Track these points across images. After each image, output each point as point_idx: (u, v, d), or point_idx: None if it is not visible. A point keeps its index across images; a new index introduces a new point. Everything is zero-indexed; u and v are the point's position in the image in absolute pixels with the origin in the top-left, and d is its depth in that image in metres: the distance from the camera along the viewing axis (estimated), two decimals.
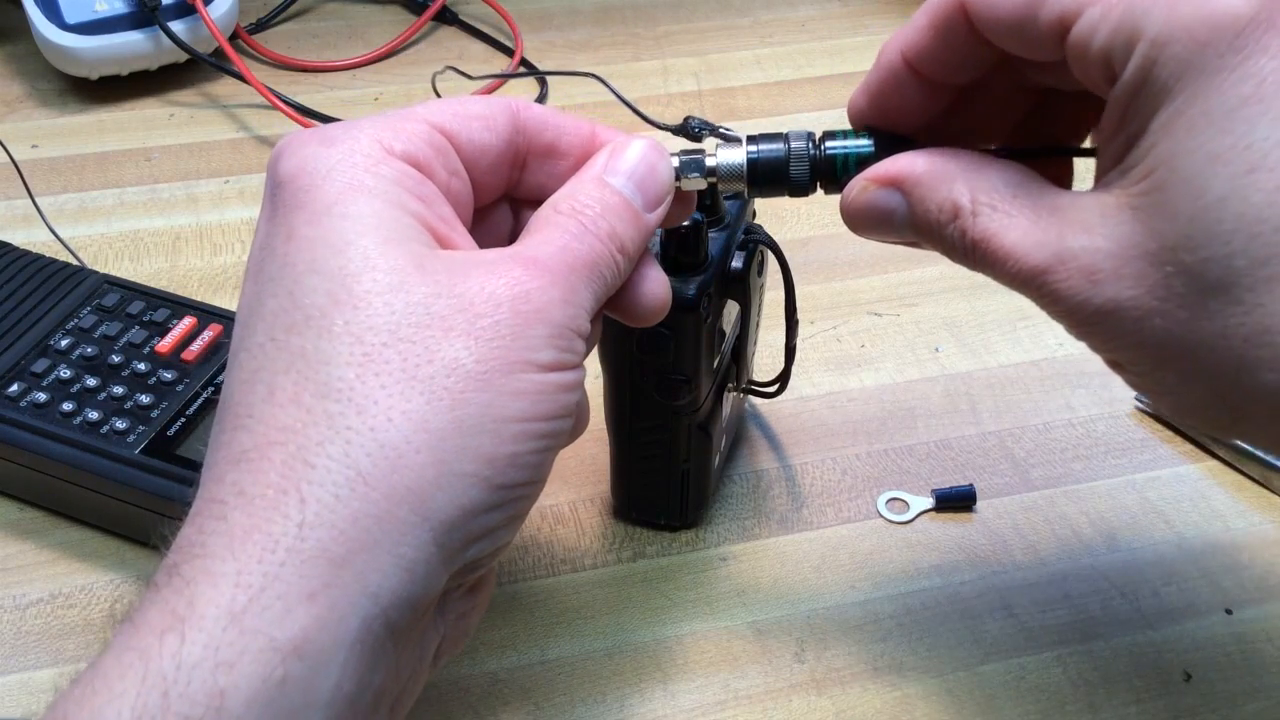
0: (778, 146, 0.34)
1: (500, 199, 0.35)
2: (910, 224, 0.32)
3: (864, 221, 0.34)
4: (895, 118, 0.34)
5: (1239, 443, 0.50)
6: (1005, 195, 0.30)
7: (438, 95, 0.40)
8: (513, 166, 0.34)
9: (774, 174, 0.34)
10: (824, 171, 0.34)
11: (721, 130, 0.35)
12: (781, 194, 0.35)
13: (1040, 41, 0.29)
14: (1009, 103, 0.34)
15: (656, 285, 0.34)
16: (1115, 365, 0.30)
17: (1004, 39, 0.30)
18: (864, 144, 0.34)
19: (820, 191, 0.35)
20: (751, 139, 0.35)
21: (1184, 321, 0.27)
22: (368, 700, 0.28)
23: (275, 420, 0.28)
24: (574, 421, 0.32)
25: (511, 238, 0.35)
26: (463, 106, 0.33)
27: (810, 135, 0.35)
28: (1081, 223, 0.28)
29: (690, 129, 0.37)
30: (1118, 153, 0.28)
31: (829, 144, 0.34)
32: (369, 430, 0.27)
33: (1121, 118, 0.28)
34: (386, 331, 0.28)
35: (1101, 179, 0.29)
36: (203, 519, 0.28)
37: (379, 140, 0.30)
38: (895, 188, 0.32)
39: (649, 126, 0.37)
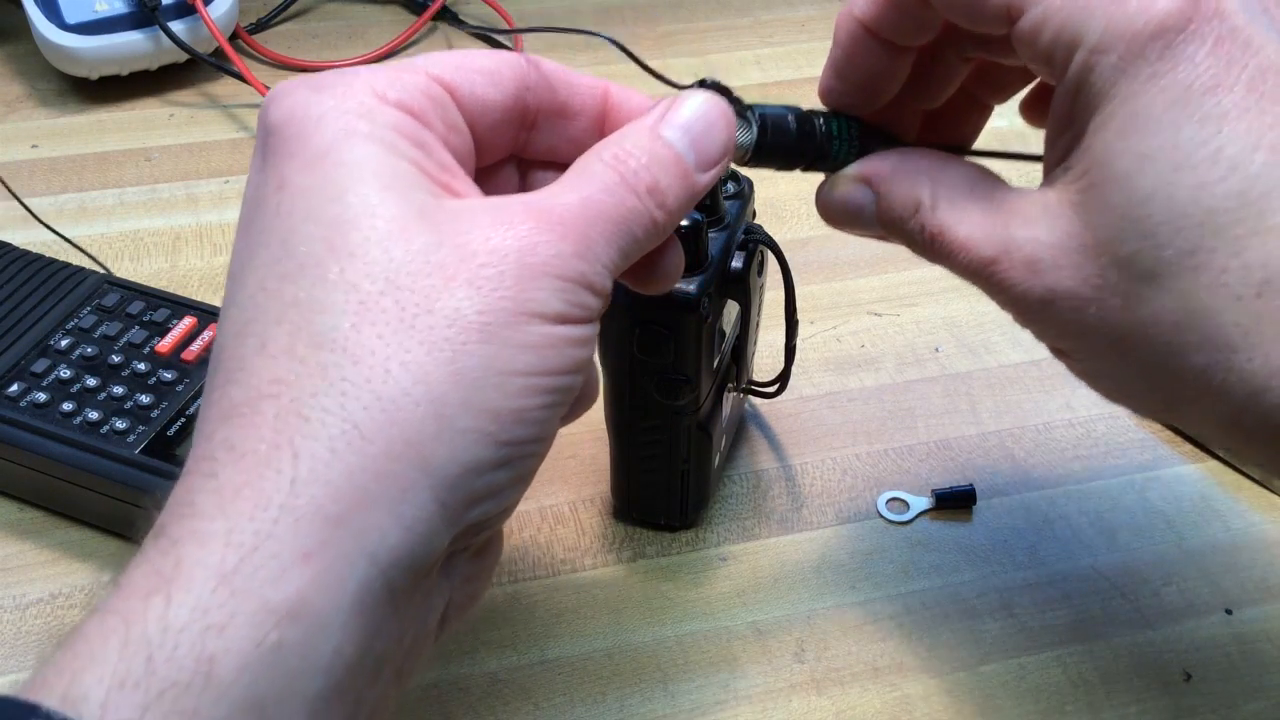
0: (780, 111, 0.34)
1: (506, 159, 0.34)
2: (878, 218, 0.34)
3: (838, 215, 0.35)
4: (866, 89, 0.35)
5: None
6: (963, 191, 0.32)
7: None
8: (520, 126, 0.32)
9: (781, 131, 0.34)
10: (822, 142, 0.35)
11: (734, 96, 0.34)
12: (780, 160, 0.35)
13: (987, 22, 0.30)
14: (961, 67, 0.36)
15: (673, 255, 0.34)
16: (1059, 353, 0.32)
17: (953, 13, 0.31)
18: (854, 125, 0.35)
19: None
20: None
21: (1118, 309, 0.29)
22: (369, 666, 0.26)
23: (267, 372, 0.27)
24: (584, 382, 0.30)
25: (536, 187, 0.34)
26: (468, 59, 0.31)
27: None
28: (1026, 217, 0.30)
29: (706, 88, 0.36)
30: (1061, 152, 0.30)
31: (823, 116, 0.35)
32: (365, 382, 0.26)
33: (1064, 119, 0.30)
34: (384, 279, 0.27)
35: (1047, 176, 0.31)
36: (192, 477, 0.27)
37: (373, 87, 0.29)
38: (866, 184, 0.34)
39: (665, 87, 0.36)
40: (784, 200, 0.65)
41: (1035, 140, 0.34)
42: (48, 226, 0.61)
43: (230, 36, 0.72)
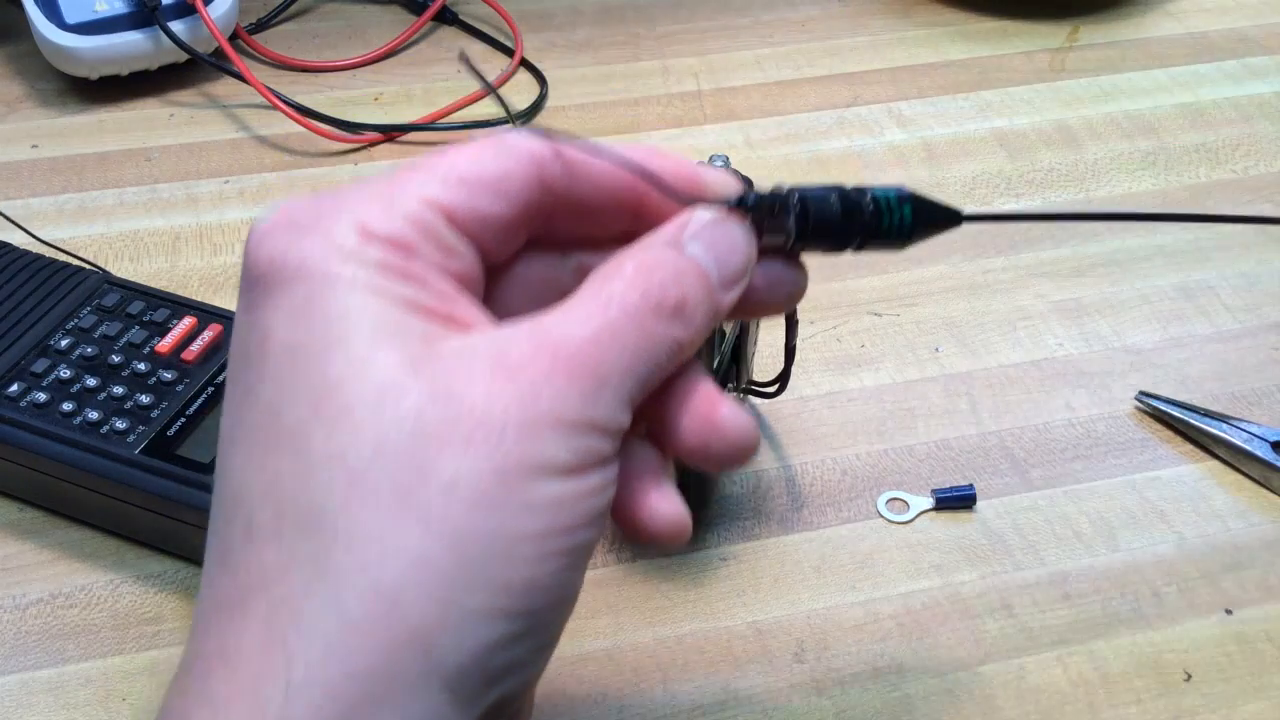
0: (824, 193, 0.30)
1: (531, 245, 0.30)
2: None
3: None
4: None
5: (1234, 441, 0.50)
6: None
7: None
8: (533, 223, 0.29)
9: (824, 216, 0.30)
10: (871, 220, 0.30)
11: (773, 193, 0.30)
12: (829, 242, 0.30)
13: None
14: None
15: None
16: None
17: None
18: (905, 196, 0.31)
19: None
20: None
21: None
22: None
23: (256, 560, 0.24)
24: (605, 529, 0.27)
25: (550, 281, 0.31)
26: (469, 167, 0.27)
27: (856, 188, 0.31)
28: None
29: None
30: None
31: (873, 192, 0.31)
32: (359, 570, 0.23)
33: None
34: (373, 448, 0.24)
35: None
36: (188, 679, 0.25)
37: (358, 223, 0.26)
38: None
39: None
40: None
41: (1036, 142, 0.34)
42: (29, 233, 0.61)
43: (230, 36, 0.72)
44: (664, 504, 0.28)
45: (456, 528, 0.24)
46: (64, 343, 0.48)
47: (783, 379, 0.48)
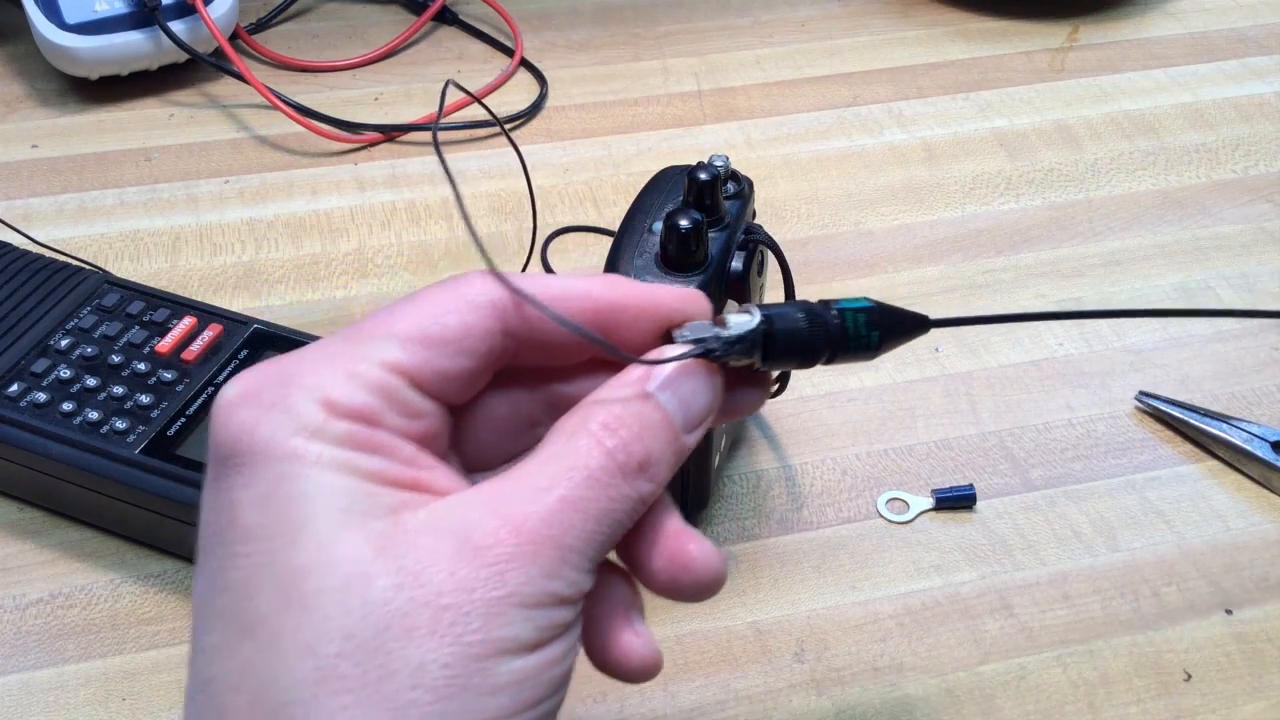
0: (791, 313, 0.30)
1: (499, 380, 0.30)
2: None
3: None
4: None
5: (1234, 441, 0.50)
6: None
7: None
8: (500, 364, 0.29)
9: (792, 340, 0.30)
10: (835, 337, 0.30)
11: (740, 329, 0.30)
12: (796, 359, 0.30)
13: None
14: None
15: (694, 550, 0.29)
16: None
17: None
18: (869, 306, 0.31)
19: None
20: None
21: None
22: None
23: None
24: (566, 691, 0.27)
25: (520, 415, 0.31)
26: (432, 327, 0.27)
27: (820, 303, 0.31)
28: None
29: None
30: None
31: (838, 306, 0.31)
32: None
33: None
34: (341, 638, 0.24)
35: None
36: None
37: (322, 396, 0.26)
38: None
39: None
40: (784, 200, 0.65)
41: (1036, 142, 0.34)
42: (25, 235, 0.61)
43: (230, 36, 0.72)
44: (636, 643, 0.29)
45: (424, 714, 0.24)
46: (64, 343, 0.48)
47: (783, 379, 0.48)
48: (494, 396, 0.30)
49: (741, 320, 0.29)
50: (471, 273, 0.29)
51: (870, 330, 0.30)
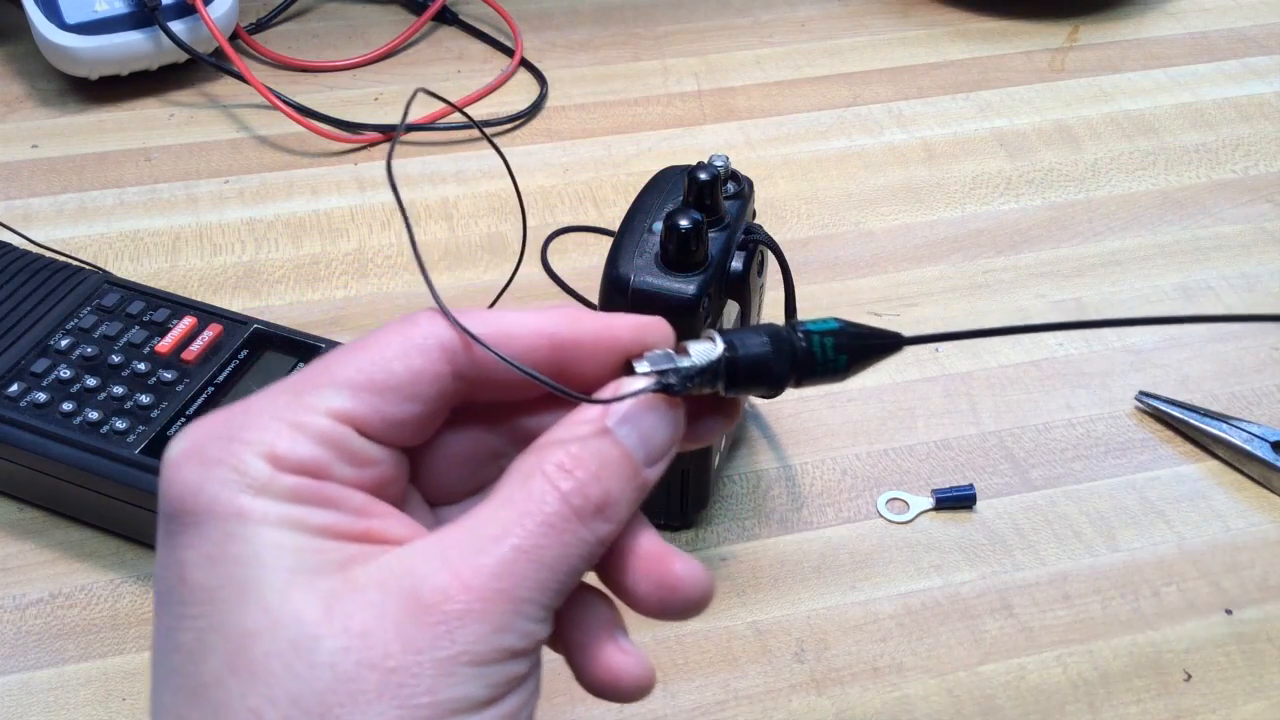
0: (754, 338, 0.29)
1: (457, 417, 0.29)
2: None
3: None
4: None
5: (1234, 441, 0.50)
6: None
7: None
8: (454, 403, 0.28)
9: (755, 368, 0.29)
10: (801, 360, 0.29)
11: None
12: (764, 387, 0.29)
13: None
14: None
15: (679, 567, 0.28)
16: None
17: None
18: (836, 329, 0.30)
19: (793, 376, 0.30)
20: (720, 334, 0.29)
21: None
22: None
23: None
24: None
25: (481, 450, 0.30)
26: (378, 373, 0.27)
27: (785, 326, 0.30)
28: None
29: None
30: None
31: (803, 329, 0.29)
32: None
33: None
34: (288, 703, 0.24)
35: None
36: None
37: (268, 451, 0.25)
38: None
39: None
40: (784, 200, 0.65)
41: (1036, 142, 0.34)
42: (24, 236, 0.61)
43: (230, 36, 0.72)
44: (627, 662, 0.29)
45: None
46: (64, 343, 0.48)
47: None
48: (452, 434, 0.30)
49: (703, 348, 0.28)
50: (420, 313, 0.28)
51: (839, 354, 0.29)
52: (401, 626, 0.24)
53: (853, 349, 0.29)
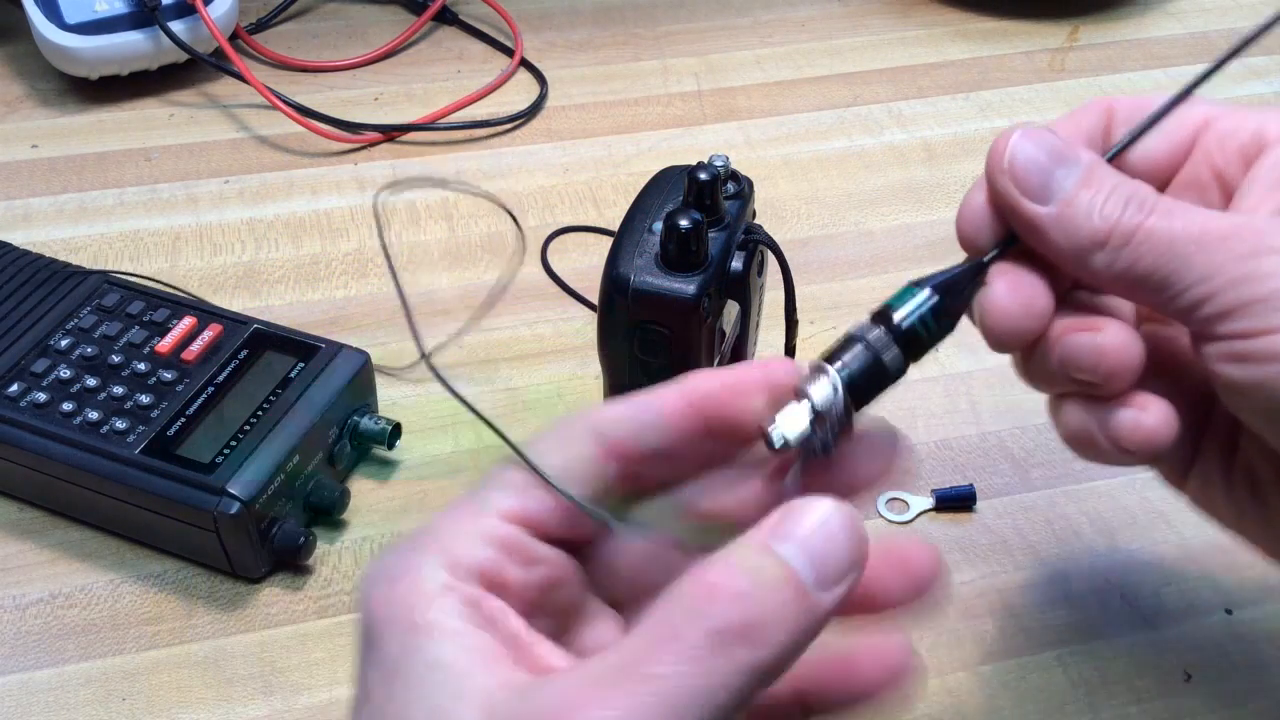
0: (860, 352, 0.29)
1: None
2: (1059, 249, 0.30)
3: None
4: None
5: None
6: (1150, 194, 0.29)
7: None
8: (617, 490, 0.29)
9: (876, 381, 0.30)
10: (913, 344, 0.30)
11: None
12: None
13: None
14: None
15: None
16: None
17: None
18: (923, 299, 0.30)
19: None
20: (829, 360, 0.29)
21: None
22: None
23: None
24: None
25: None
26: (544, 460, 0.28)
27: (876, 323, 0.30)
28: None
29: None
30: None
31: (898, 319, 0.30)
32: None
33: None
34: None
35: None
36: None
37: (445, 560, 0.27)
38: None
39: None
40: (784, 200, 0.65)
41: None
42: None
43: (230, 36, 0.72)
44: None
45: None
46: (64, 343, 0.48)
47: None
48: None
49: (820, 387, 0.28)
50: (579, 411, 0.29)
51: (936, 319, 0.30)
52: None
53: (947, 309, 0.30)
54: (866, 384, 0.29)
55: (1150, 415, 0.30)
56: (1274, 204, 0.30)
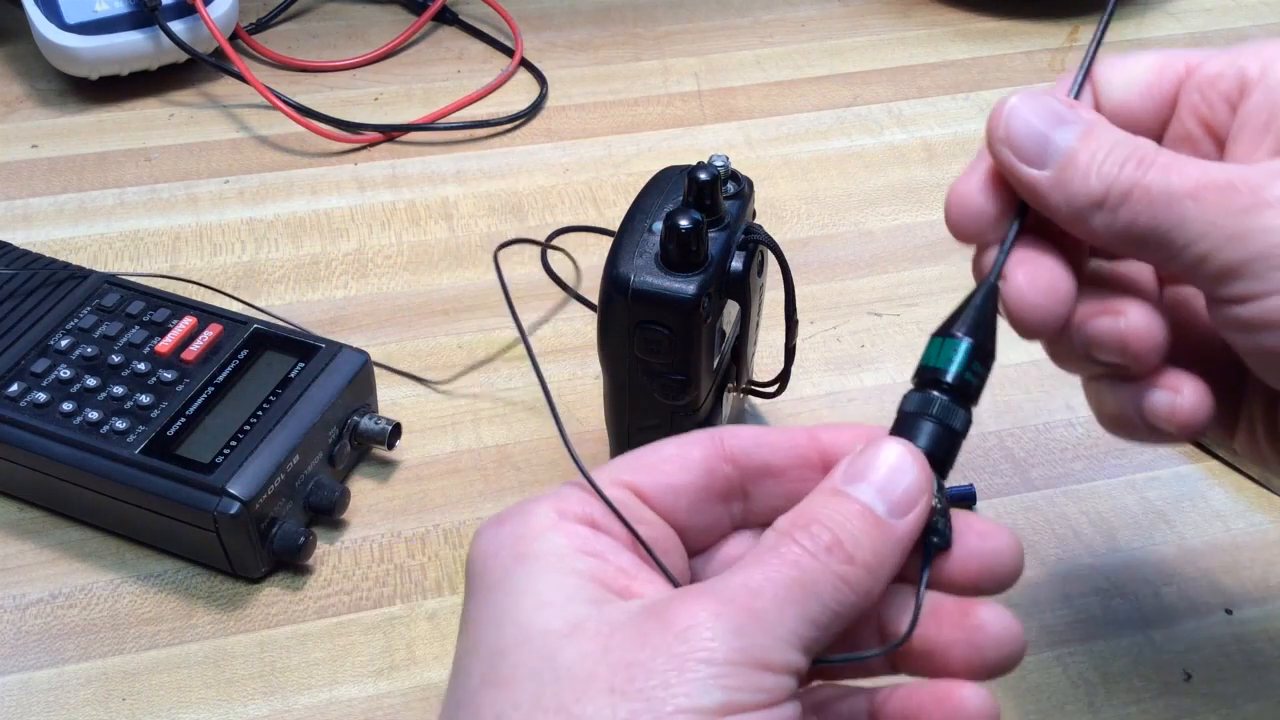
0: (932, 430, 0.30)
1: (734, 531, 0.32)
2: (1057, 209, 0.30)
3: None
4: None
5: None
6: (1150, 149, 0.29)
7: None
8: (727, 498, 0.31)
9: (954, 449, 0.31)
10: (971, 396, 0.31)
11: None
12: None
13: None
14: None
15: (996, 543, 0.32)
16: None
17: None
18: (964, 349, 0.32)
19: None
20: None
21: None
22: None
23: None
24: None
25: None
26: (653, 453, 0.31)
27: (928, 390, 0.31)
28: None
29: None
30: None
31: (951, 379, 0.31)
32: None
33: None
34: (530, 706, 0.25)
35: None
36: None
37: (554, 508, 0.29)
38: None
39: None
40: (784, 200, 0.65)
41: None
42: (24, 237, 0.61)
43: (230, 36, 0.72)
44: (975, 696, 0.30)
45: None
46: (64, 343, 0.48)
47: (783, 379, 0.48)
48: (738, 540, 0.32)
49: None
50: (696, 432, 0.31)
51: (977, 362, 0.32)
52: (645, 636, 0.26)
53: (984, 346, 0.32)
54: (945, 456, 0.30)
55: (1185, 398, 0.30)
56: (1268, 147, 0.29)
